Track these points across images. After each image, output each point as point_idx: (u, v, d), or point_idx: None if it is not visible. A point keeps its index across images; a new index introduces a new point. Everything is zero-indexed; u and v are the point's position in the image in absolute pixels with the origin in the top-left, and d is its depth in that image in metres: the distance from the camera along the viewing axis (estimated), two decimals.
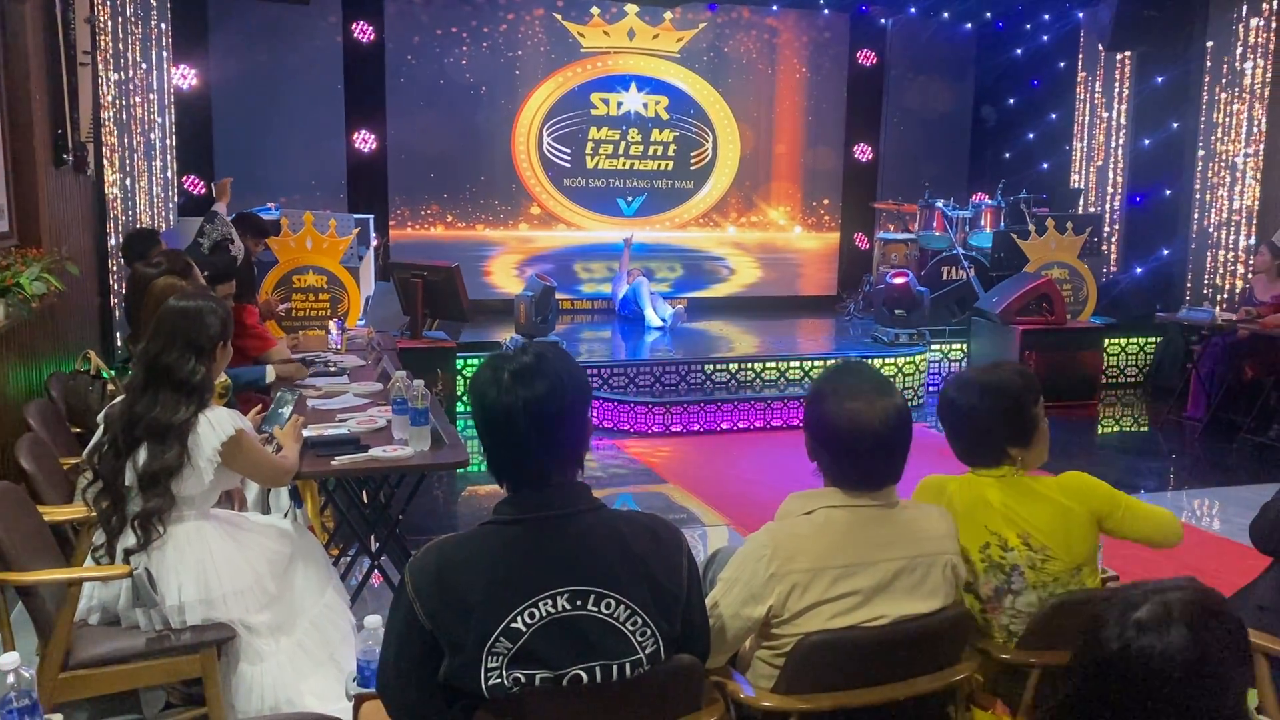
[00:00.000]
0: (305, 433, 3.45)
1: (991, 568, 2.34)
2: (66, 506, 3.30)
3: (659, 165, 11.08)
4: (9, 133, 4.61)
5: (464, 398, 7.07)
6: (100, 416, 3.08)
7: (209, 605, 2.84)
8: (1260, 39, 8.53)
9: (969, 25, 11.47)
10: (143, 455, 2.84)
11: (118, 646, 2.79)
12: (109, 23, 6.49)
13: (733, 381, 7.91)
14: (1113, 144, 9.98)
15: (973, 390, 2.43)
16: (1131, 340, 9.11)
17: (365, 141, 10.01)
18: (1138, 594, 1.34)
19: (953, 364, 8.86)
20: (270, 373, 4.65)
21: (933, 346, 8.73)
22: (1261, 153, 8.54)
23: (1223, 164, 8.91)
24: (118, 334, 6.47)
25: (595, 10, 10.63)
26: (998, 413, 2.39)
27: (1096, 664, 1.33)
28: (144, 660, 2.79)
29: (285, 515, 3.67)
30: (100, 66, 6.11)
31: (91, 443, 3.07)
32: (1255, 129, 8.58)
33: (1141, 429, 7.90)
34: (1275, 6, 8.42)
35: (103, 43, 6.25)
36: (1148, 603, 1.32)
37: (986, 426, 2.41)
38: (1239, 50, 8.71)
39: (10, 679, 1.73)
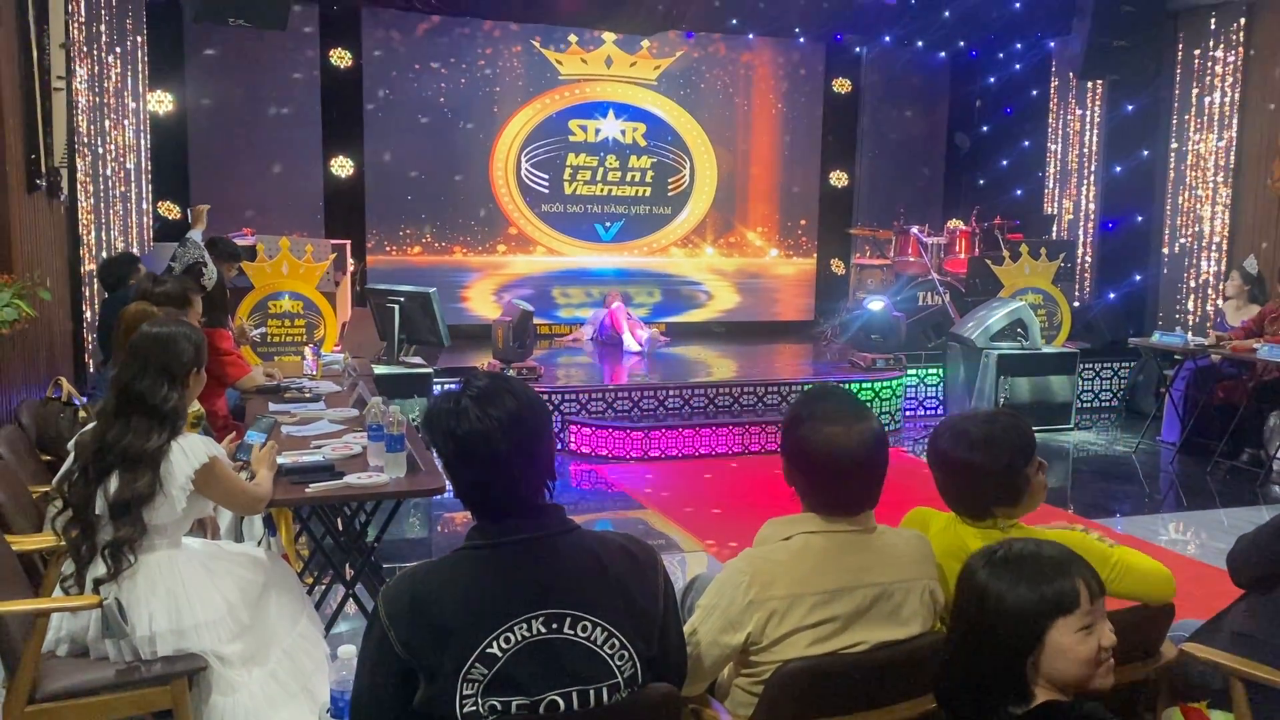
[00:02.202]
0: (279, 459, 3.42)
1: None
2: (35, 535, 3.24)
3: (637, 191, 11.12)
4: None
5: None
6: (71, 444, 3.04)
7: (180, 635, 2.79)
8: (1228, 69, 8.69)
9: (942, 54, 11.61)
10: (114, 483, 2.80)
11: (87, 678, 2.74)
12: (84, 47, 6.47)
13: (711, 406, 7.92)
14: (1085, 171, 10.10)
15: (964, 444, 2.32)
16: (1106, 365, 9.19)
17: (342, 167, 9.99)
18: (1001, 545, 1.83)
19: (929, 389, 8.90)
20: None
21: (909, 371, 8.77)
22: (1230, 180, 8.67)
23: (1193, 191, 9.03)
24: (89, 361, 6.41)
25: (573, 38, 10.69)
26: (987, 472, 2.29)
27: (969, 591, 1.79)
28: (114, 692, 2.73)
29: (259, 543, 3.63)
30: (75, 91, 6.08)
31: (62, 470, 3.03)
32: (1224, 156, 8.71)
33: (1117, 453, 7.95)
34: (1242, 37, 8.58)
35: (77, 67, 6.23)
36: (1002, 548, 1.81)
37: (975, 484, 2.32)
38: (1208, 80, 8.86)
39: None
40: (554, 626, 1.78)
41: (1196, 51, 8.97)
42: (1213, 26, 8.80)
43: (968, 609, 1.79)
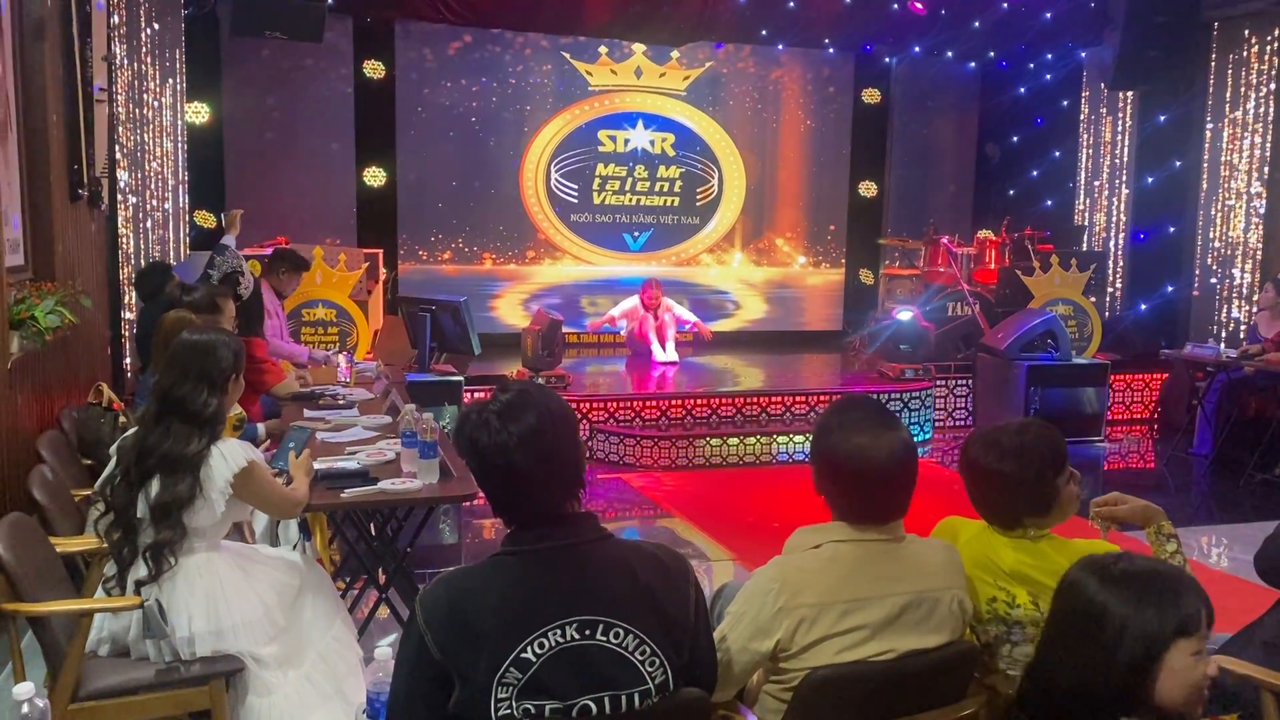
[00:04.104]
0: (315, 465, 3.47)
1: (995, 619, 2.33)
2: (78, 538, 3.31)
3: (665, 201, 11.17)
4: (26, 168, 4.68)
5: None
6: (112, 448, 3.10)
7: (218, 637, 2.84)
8: (1262, 78, 8.62)
9: (972, 64, 11.58)
10: (155, 487, 2.86)
11: (127, 678, 2.80)
12: (125, 60, 6.59)
13: (739, 416, 7.93)
14: (1116, 181, 10.04)
15: (995, 453, 2.33)
16: (1137, 376, 9.12)
17: (375, 177, 10.10)
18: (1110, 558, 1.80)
19: (958, 400, 8.87)
20: (261, 431, 4.62)
21: (938, 382, 8.75)
22: (1264, 190, 8.60)
23: (1226, 201, 8.96)
24: (127, 367, 6.51)
25: (603, 50, 10.76)
26: (1018, 481, 2.30)
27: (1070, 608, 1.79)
28: (153, 692, 2.79)
29: (294, 547, 3.69)
30: (116, 103, 6.20)
31: (104, 474, 3.09)
32: (1258, 167, 8.64)
33: (1148, 466, 7.89)
34: (1277, 46, 8.51)
35: (119, 79, 6.34)
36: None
37: (1005, 493, 2.34)
38: (1241, 89, 8.79)
39: (24, 709, 1.75)
40: (587, 633, 1.81)
41: (1230, 61, 8.90)
42: (1247, 35, 8.74)
43: (1079, 623, 1.75)
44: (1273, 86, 8.54)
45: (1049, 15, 9.68)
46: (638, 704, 1.82)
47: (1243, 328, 8.59)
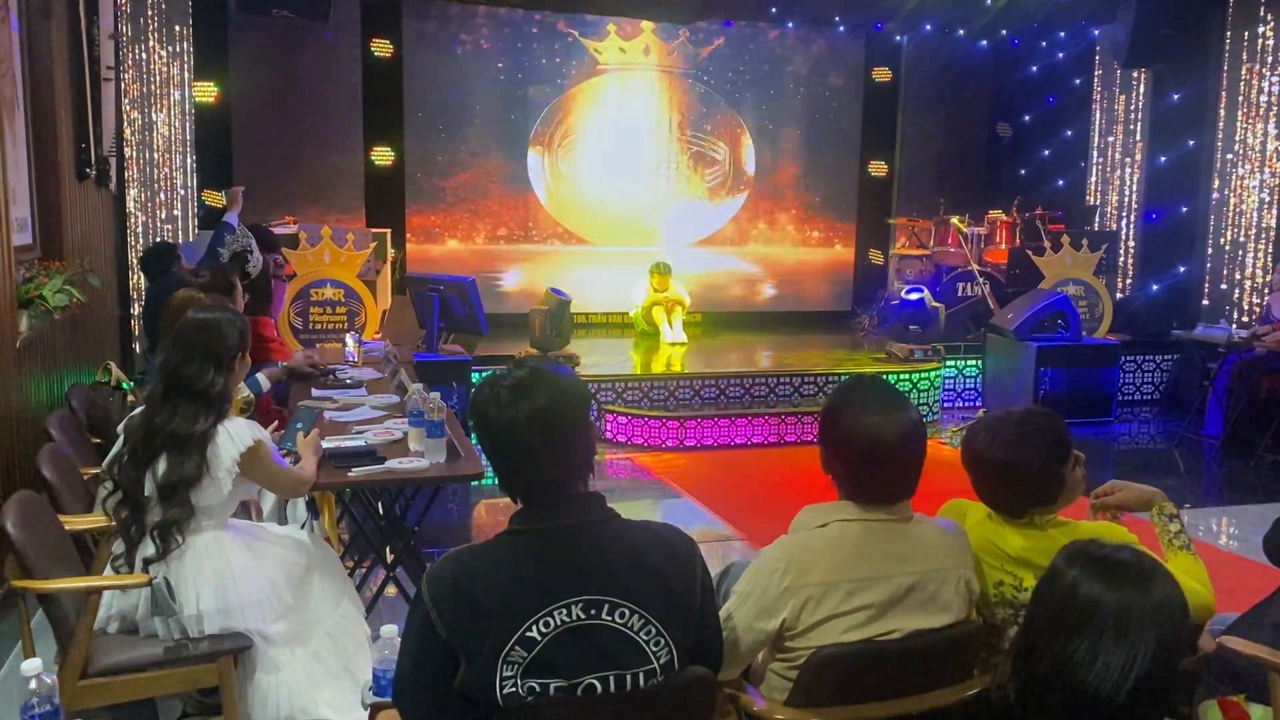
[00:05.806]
0: (322, 444, 3.47)
1: (1003, 602, 2.32)
2: (87, 516, 3.32)
3: (675, 181, 11.12)
4: (34, 147, 4.69)
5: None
6: (120, 427, 3.11)
7: (226, 615, 2.86)
8: (1278, 56, 8.52)
9: (984, 42, 11.48)
10: (162, 466, 2.87)
11: (136, 655, 2.81)
12: (132, 39, 6.58)
13: (747, 396, 7.92)
14: (1129, 161, 9.97)
15: (999, 445, 2.31)
16: (1148, 357, 9.08)
17: (383, 156, 10.08)
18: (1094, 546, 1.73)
19: (968, 380, 8.84)
20: (264, 381, 4.50)
21: (948, 362, 8.72)
22: (1278, 170, 8.52)
23: (1239, 181, 8.89)
24: (136, 345, 6.54)
25: (612, 27, 10.69)
26: (1023, 474, 2.28)
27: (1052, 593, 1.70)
28: (162, 669, 2.81)
29: (302, 526, 3.69)
30: (123, 82, 6.19)
31: (111, 453, 3.10)
32: (1272, 146, 8.56)
33: (1158, 447, 7.86)
34: None
35: (126, 59, 6.33)
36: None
37: (1010, 486, 2.32)
38: (1256, 68, 8.70)
39: (32, 684, 1.76)
40: (592, 612, 1.81)
41: (1245, 39, 8.80)
42: (1262, 13, 8.63)
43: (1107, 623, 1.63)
44: None
45: None
46: (643, 683, 1.82)
47: (1256, 308, 8.54)
